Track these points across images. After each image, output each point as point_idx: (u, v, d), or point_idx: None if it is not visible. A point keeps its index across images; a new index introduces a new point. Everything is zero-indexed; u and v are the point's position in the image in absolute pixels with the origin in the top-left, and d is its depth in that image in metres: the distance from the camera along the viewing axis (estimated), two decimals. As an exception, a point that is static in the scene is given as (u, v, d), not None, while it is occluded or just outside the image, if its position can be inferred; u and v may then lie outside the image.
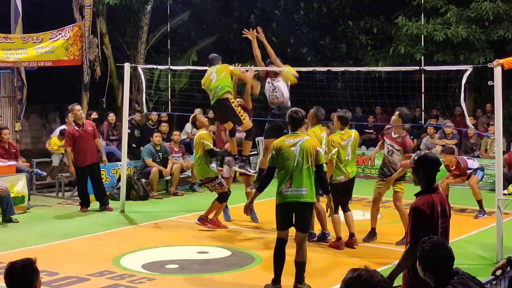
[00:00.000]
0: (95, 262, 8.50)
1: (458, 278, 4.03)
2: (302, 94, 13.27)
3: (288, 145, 7.22)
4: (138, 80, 16.80)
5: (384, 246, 9.47)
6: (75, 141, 11.85)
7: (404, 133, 9.62)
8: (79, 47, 14.73)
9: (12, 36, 13.99)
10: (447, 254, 4.11)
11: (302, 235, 7.27)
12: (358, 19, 19.67)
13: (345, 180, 9.28)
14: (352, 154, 9.32)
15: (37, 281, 3.90)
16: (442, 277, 4.06)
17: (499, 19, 16.43)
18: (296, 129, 7.39)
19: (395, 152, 9.44)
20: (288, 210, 7.20)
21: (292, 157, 7.16)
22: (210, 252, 9.05)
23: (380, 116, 18.05)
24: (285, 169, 7.18)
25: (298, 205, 7.14)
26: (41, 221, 11.26)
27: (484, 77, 16.21)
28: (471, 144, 16.02)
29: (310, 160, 7.18)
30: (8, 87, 14.78)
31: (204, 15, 20.56)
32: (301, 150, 7.18)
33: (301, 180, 7.11)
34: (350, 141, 9.31)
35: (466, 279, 4.05)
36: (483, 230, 10.53)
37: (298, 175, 7.12)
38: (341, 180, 9.22)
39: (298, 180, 7.11)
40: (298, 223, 7.24)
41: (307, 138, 7.43)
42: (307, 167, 7.16)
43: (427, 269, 4.14)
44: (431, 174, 5.07)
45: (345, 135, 9.28)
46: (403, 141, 9.40)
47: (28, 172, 12.65)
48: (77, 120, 11.97)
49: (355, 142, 9.44)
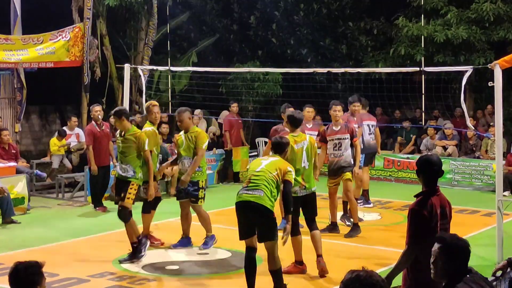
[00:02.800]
0: (95, 263, 8.50)
1: (471, 276, 4.03)
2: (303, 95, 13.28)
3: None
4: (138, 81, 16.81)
5: (382, 247, 9.46)
6: (95, 140, 12.02)
7: (342, 121, 10.20)
8: (80, 48, 14.74)
9: (12, 37, 13.99)
10: (468, 247, 4.13)
11: (269, 243, 6.88)
12: (358, 20, 19.67)
13: (304, 194, 8.08)
14: (309, 162, 8.19)
15: (40, 285, 3.90)
16: (458, 270, 4.03)
17: (500, 20, 16.43)
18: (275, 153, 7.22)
19: (342, 141, 10.00)
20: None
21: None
22: (210, 253, 9.05)
23: (380, 117, 18.03)
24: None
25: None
26: (41, 222, 11.26)
27: (484, 78, 16.21)
28: (471, 145, 16.03)
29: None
30: (8, 89, 14.79)
31: (204, 16, 20.55)
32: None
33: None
34: (305, 146, 8.19)
35: (478, 279, 4.06)
36: (483, 231, 10.53)
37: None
38: (296, 192, 7.89)
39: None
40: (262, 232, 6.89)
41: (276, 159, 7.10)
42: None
43: (449, 258, 4.08)
44: (431, 176, 5.07)
45: (299, 138, 8.22)
46: (349, 129, 10.06)
47: (28, 173, 12.66)
48: (95, 120, 12.17)
49: (311, 149, 8.25)
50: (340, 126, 10.09)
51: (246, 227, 6.89)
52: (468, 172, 15.02)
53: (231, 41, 20.80)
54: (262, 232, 6.86)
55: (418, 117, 17.63)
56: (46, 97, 17.14)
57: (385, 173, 16.00)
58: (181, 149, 9.21)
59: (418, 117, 17.59)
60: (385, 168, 16.01)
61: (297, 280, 7.83)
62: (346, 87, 17.54)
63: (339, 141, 10.03)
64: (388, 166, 15.98)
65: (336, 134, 10.05)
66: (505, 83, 9.44)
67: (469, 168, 15.05)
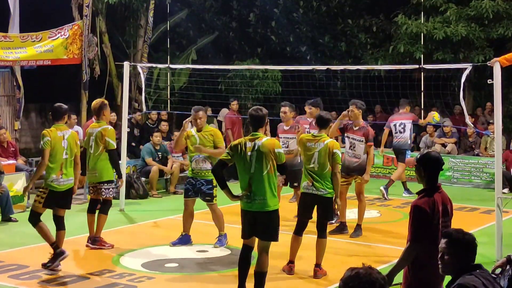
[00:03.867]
0: (95, 261, 8.51)
1: (481, 271, 4.06)
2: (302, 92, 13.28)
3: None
4: (137, 78, 16.80)
5: (383, 244, 9.48)
6: None
7: (364, 124, 10.11)
8: (79, 46, 14.72)
9: (11, 35, 13.97)
10: (474, 241, 4.14)
11: (263, 243, 6.79)
12: (357, 17, 19.68)
13: (315, 194, 8.03)
14: (319, 164, 8.03)
15: None
16: (465, 264, 4.06)
17: (499, 18, 16.43)
18: (256, 130, 6.89)
19: (357, 143, 9.90)
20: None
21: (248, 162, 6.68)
22: (210, 251, 9.05)
23: (379, 115, 18.04)
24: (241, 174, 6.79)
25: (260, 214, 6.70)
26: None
27: (483, 76, 16.22)
28: (470, 142, 16.03)
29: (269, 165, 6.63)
30: (7, 86, 14.78)
31: (203, 13, 20.55)
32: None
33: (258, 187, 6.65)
34: (319, 147, 8.09)
35: (487, 275, 4.10)
36: (483, 229, 10.53)
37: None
38: (304, 187, 8.07)
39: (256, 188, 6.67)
40: (259, 231, 6.78)
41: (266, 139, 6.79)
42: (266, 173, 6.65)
43: (455, 254, 4.09)
44: (433, 173, 5.06)
45: (316, 138, 8.20)
46: (365, 131, 9.92)
47: (27, 171, 12.65)
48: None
49: (325, 152, 8.05)
50: (358, 127, 9.97)
51: (250, 228, 6.82)
52: (467, 170, 15.03)
53: (230, 38, 20.80)
54: (264, 230, 6.77)
55: (417, 114, 17.62)
56: (46, 95, 17.13)
57: (385, 171, 16.01)
58: (194, 147, 9.07)
59: (417, 115, 17.58)
60: (384, 166, 16.02)
61: (296, 278, 7.84)
62: (345, 85, 17.54)
63: (354, 141, 9.98)
64: (387, 163, 15.99)
65: (353, 134, 9.97)
66: (504, 81, 9.42)
67: (468, 165, 15.06)
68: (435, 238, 4.70)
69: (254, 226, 6.76)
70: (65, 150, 8.15)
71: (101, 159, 9.07)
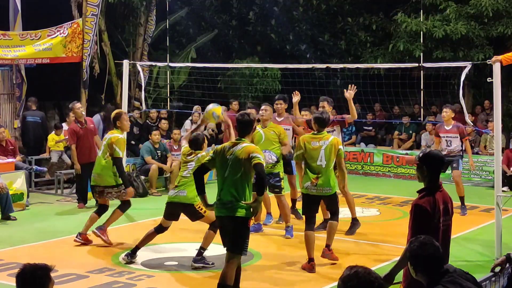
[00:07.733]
0: (94, 259, 8.51)
1: (449, 276, 4.00)
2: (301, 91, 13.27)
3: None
4: (137, 77, 16.79)
5: (381, 243, 9.47)
6: (78, 138, 11.90)
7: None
8: (78, 44, 14.70)
9: (10, 33, 13.96)
10: (436, 252, 4.07)
11: (228, 255, 6.44)
12: (357, 15, 19.68)
13: (319, 194, 8.14)
14: (327, 162, 8.15)
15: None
16: (433, 276, 4.03)
17: (499, 16, 16.43)
18: (242, 136, 6.66)
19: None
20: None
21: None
22: (209, 249, 9.04)
23: (379, 113, 18.05)
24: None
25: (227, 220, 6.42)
26: (40, 218, 11.26)
27: (483, 74, 16.22)
28: (469, 141, 16.01)
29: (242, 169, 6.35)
30: (7, 84, 14.76)
31: (202, 11, 20.54)
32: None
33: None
34: (324, 145, 8.18)
35: (457, 277, 4.02)
36: (482, 227, 10.54)
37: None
38: (308, 187, 8.11)
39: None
40: (226, 240, 6.49)
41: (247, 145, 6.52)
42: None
43: (418, 269, 4.09)
44: (434, 171, 5.03)
45: (318, 136, 8.26)
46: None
47: (27, 169, 12.65)
48: (78, 117, 12.04)
49: (331, 149, 8.17)
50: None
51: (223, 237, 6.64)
52: (467, 168, 15.02)
53: (230, 37, 20.79)
54: (230, 239, 6.43)
55: (417, 113, 17.63)
56: (45, 93, 17.12)
57: (384, 169, 16.01)
58: (260, 143, 9.22)
59: (417, 113, 17.59)
60: (384, 164, 16.02)
61: (296, 277, 7.85)
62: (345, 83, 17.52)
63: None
64: (387, 162, 15.99)
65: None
66: (503, 79, 9.42)
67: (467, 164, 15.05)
68: (436, 237, 4.68)
69: (223, 234, 6.55)
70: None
71: (106, 165, 9.09)
